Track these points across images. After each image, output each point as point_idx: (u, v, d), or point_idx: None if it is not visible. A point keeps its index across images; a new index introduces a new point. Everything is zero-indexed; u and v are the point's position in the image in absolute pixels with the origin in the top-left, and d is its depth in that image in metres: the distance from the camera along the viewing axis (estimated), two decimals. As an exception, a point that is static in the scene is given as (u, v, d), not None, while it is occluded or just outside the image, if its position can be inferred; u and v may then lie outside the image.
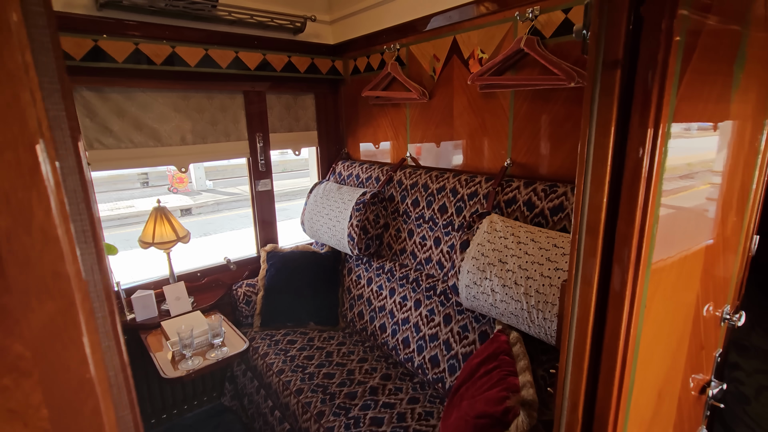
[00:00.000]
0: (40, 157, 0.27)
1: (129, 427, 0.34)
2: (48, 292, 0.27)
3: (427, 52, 2.08)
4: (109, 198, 11.14)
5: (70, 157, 0.29)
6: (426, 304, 1.92)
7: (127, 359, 0.35)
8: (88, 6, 1.86)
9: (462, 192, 1.87)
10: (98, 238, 0.31)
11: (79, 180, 0.29)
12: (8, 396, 0.27)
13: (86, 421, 0.29)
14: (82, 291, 0.28)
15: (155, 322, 2.11)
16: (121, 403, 0.33)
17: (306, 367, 2.00)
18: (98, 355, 0.29)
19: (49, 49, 0.29)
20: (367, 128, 2.63)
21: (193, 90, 2.26)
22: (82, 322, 0.27)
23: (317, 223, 2.43)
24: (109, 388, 0.30)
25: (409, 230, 2.14)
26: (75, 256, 0.27)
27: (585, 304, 0.66)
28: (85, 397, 0.28)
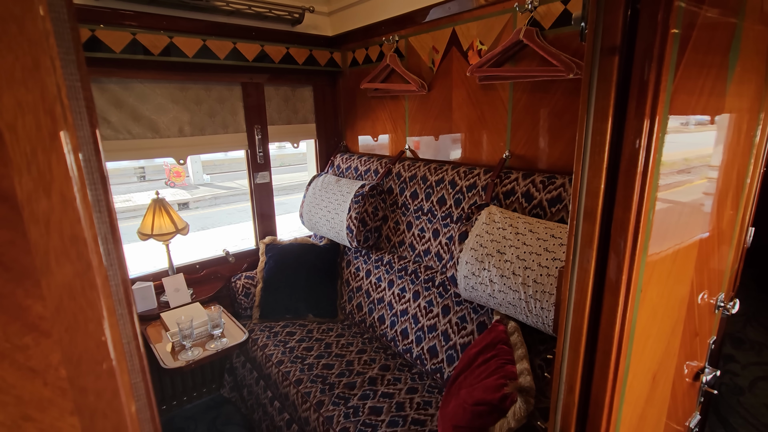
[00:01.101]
0: (60, 122, 0.27)
1: (141, 393, 0.35)
2: (66, 254, 0.27)
3: (426, 43, 2.08)
4: (107, 192, 11.08)
5: (85, 126, 0.30)
6: (424, 296, 1.93)
7: (140, 328, 0.36)
8: (85, -5, 1.85)
9: (460, 184, 1.87)
10: (111, 206, 0.32)
11: (94, 150, 0.30)
12: (29, 355, 0.28)
13: (102, 383, 0.29)
14: (98, 255, 0.28)
15: (155, 313, 2.12)
16: (134, 370, 0.34)
17: (305, 358, 2.01)
18: (113, 319, 0.29)
19: (65, 20, 0.29)
20: (365, 121, 2.63)
21: (191, 81, 2.25)
22: (98, 285, 0.28)
23: (316, 216, 2.44)
24: (123, 352, 0.31)
25: (407, 222, 2.14)
26: (92, 221, 0.28)
27: (582, 290, 0.67)
28: (101, 358, 0.29)
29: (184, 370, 1.77)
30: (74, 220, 0.27)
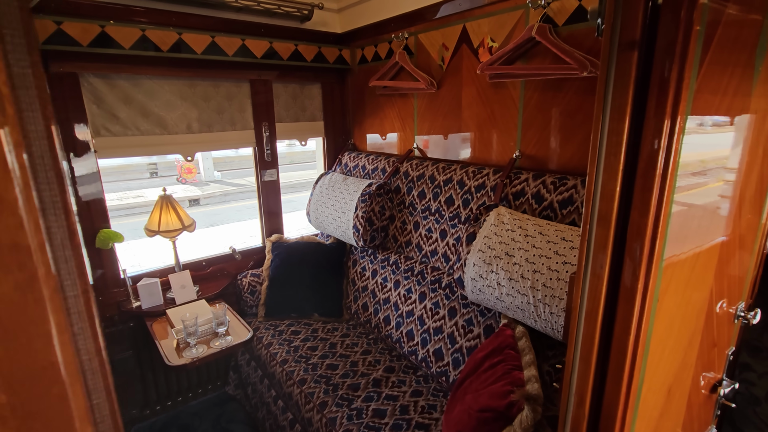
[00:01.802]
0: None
1: (105, 414, 0.33)
2: (5, 265, 0.25)
3: (436, 40, 2.04)
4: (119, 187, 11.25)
5: (37, 120, 0.27)
6: (431, 297, 1.90)
7: (104, 343, 0.34)
8: (95, -9, 1.85)
9: (469, 184, 1.84)
10: (69, 208, 0.29)
11: (48, 146, 0.27)
12: (-40, 381, 0.25)
13: (52, 409, 0.27)
14: (45, 265, 0.26)
15: (161, 309, 2.12)
16: (96, 389, 0.32)
17: (309, 357, 2.00)
18: (66, 337, 0.27)
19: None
20: (374, 119, 2.60)
21: (199, 78, 2.24)
22: (46, 298, 0.26)
23: (323, 214, 2.42)
24: (79, 372, 0.29)
25: (414, 222, 2.11)
26: (38, 227, 0.25)
27: (594, 297, 0.64)
28: (50, 382, 0.27)
29: (188, 367, 1.77)
30: (14, 226, 0.24)
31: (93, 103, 1.98)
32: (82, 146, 1.96)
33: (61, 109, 1.89)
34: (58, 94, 1.87)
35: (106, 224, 2.10)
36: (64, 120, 1.90)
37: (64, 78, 1.87)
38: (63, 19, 1.76)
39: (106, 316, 2.13)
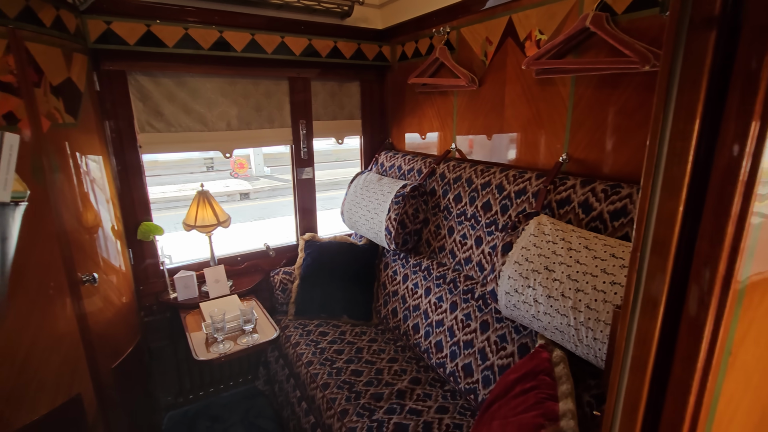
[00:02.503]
0: None
1: None
2: None
3: (480, 34, 1.91)
4: (178, 180, 11.97)
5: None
6: (462, 308, 1.79)
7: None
8: (143, -8, 1.91)
9: (509, 189, 1.70)
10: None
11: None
12: None
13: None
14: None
15: (195, 302, 2.17)
16: None
17: (335, 361, 1.95)
18: None
19: None
20: (412, 117, 2.51)
21: (239, 76, 2.26)
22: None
23: (356, 215, 2.37)
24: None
25: (449, 227, 2.00)
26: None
27: (644, 342, 0.52)
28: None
29: (213, 363, 1.78)
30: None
31: (139, 100, 2.05)
32: (128, 142, 2.04)
33: (110, 106, 1.97)
34: (107, 91, 1.95)
35: (148, 217, 2.17)
36: (112, 116, 1.98)
37: (113, 76, 1.95)
38: (112, 19, 1.82)
39: (146, 305, 2.21)
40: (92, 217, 1.74)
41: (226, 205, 10.12)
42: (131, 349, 1.95)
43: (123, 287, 1.95)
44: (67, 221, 1.57)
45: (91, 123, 1.78)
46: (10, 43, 1.36)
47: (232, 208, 9.64)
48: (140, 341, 2.06)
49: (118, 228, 1.96)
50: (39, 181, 1.47)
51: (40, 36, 1.47)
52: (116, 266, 1.91)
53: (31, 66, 1.43)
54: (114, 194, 1.96)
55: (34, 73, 1.44)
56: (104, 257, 1.82)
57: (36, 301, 1.48)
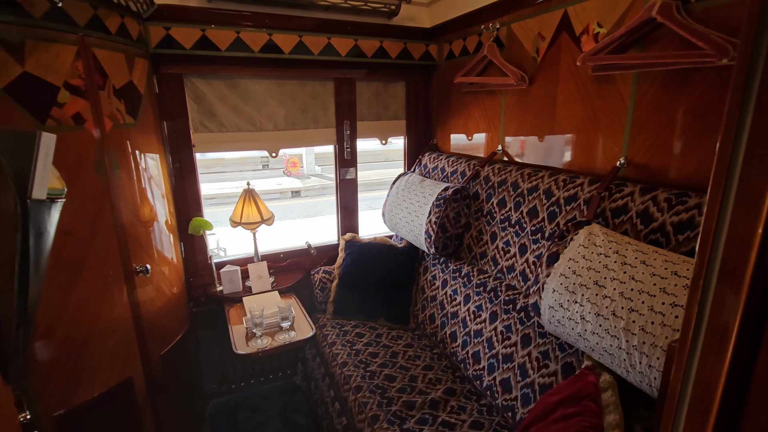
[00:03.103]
0: None
1: None
2: None
3: (531, 30, 1.80)
4: (235, 177, 12.64)
5: None
6: (503, 319, 1.69)
7: None
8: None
9: (558, 195, 1.58)
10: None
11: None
12: None
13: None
14: None
15: (239, 296, 2.25)
16: None
17: (369, 364, 1.93)
18: None
19: None
20: (457, 118, 2.43)
21: (287, 77, 2.31)
22: None
23: (396, 216, 2.33)
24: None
25: (491, 233, 1.91)
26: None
27: (708, 381, 0.43)
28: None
29: (251, 357, 1.83)
30: None
31: (194, 101, 2.16)
32: (183, 141, 2.16)
33: (168, 107, 2.08)
34: (166, 94, 2.07)
35: (199, 213, 2.28)
36: (169, 117, 2.10)
37: (171, 78, 2.06)
38: (171, 25, 1.93)
39: (195, 297, 2.32)
40: (148, 211, 1.85)
41: (277, 202, 10.52)
42: (179, 337, 2.06)
43: (174, 278, 2.06)
44: (125, 215, 1.68)
45: (150, 123, 1.89)
46: (80, 50, 1.47)
47: (283, 205, 10.00)
48: (188, 330, 2.17)
49: (171, 222, 2.07)
50: (101, 177, 1.58)
51: (106, 42, 1.58)
52: (168, 258, 2.02)
53: (97, 70, 1.54)
54: (168, 190, 2.07)
55: (100, 76, 1.55)
56: (158, 249, 1.93)
57: (95, 289, 1.60)
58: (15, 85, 1.31)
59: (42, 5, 1.35)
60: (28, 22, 1.32)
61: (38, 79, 1.36)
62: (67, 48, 1.43)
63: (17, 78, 1.32)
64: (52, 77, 1.40)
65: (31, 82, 1.35)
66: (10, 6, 1.29)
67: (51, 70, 1.39)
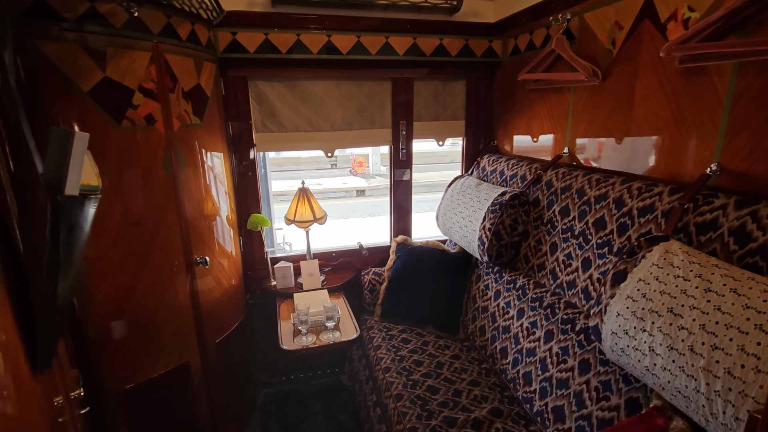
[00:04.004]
0: None
1: None
2: None
3: (608, 19, 1.61)
4: (306, 175, 13.26)
5: None
6: (559, 340, 1.53)
7: None
8: (265, 3, 2.08)
9: (630, 204, 1.39)
10: None
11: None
12: None
13: None
14: None
15: (291, 292, 2.31)
16: None
17: (412, 372, 1.87)
18: None
19: None
20: (521, 118, 2.27)
21: (345, 78, 2.33)
22: None
23: (450, 221, 2.24)
24: None
25: (551, 244, 1.74)
26: None
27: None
28: None
29: (294, 354, 1.86)
30: None
31: (256, 102, 2.25)
32: (246, 140, 2.27)
33: (233, 108, 2.20)
34: (231, 95, 2.18)
35: (258, 209, 2.39)
36: (234, 117, 2.22)
37: (237, 81, 2.17)
38: (237, 30, 2.03)
39: (252, 289, 2.43)
40: (210, 206, 1.96)
41: (342, 200, 10.82)
42: (235, 326, 2.16)
43: (232, 271, 2.17)
44: (188, 209, 1.80)
45: (215, 123, 2.01)
46: (154, 55, 1.59)
47: (347, 204, 10.25)
48: (243, 321, 2.27)
49: (232, 218, 2.19)
50: (168, 174, 1.70)
51: (178, 48, 1.70)
52: (228, 252, 2.13)
53: (168, 74, 1.66)
54: (231, 187, 2.18)
55: (170, 80, 1.67)
56: (219, 243, 2.04)
57: (159, 276, 1.73)
58: (97, 89, 1.46)
59: (122, 16, 1.48)
60: (110, 31, 1.46)
61: (117, 83, 1.50)
62: (142, 54, 1.55)
63: (99, 82, 1.46)
64: (129, 81, 1.53)
65: (110, 86, 1.48)
66: (96, 18, 1.43)
67: (128, 74, 1.52)
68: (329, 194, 11.27)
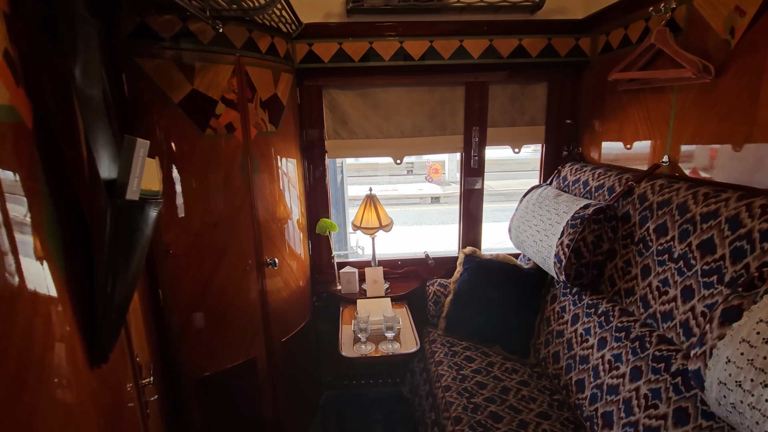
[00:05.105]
0: None
1: None
2: None
3: (725, 4, 1.36)
4: (381, 181, 13.50)
5: None
6: (649, 380, 1.31)
7: None
8: (341, 14, 2.14)
9: (750, 225, 1.14)
10: None
11: None
12: None
13: None
14: None
15: (354, 298, 2.32)
16: None
17: (474, 395, 1.74)
18: None
19: None
20: (611, 122, 2.02)
21: (416, 84, 2.29)
22: None
23: (524, 234, 2.07)
24: None
25: (644, 266, 1.51)
26: None
27: None
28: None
29: (354, 362, 1.84)
30: None
31: (329, 110, 2.31)
32: (318, 147, 2.34)
33: (307, 116, 2.28)
34: (306, 104, 2.27)
35: (327, 214, 2.44)
36: (308, 125, 2.30)
37: (312, 90, 2.25)
38: (314, 41, 2.10)
39: (318, 292, 2.49)
40: (282, 210, 2.05)
41: (417, 207, 10.80)
42: (300, 327, 2.23)
43: (300, 273, 2.24)
44: (261, 213, 1.89)
45: (290, 131, 2.10)
46: (236, 68, 1.71)
47: (421, 211, 10.21)
48: (309, 322, 2.33)
49: (302, 222, 2.27)
50: (244, 178, 1.81)
51: (258, 61, 1.80)
52: (297, 254, 2.21)
53: (248, 85, 1.76)
54: (302, 192, 2.27)
55: (249, 90, 1.78)
56: (289, 245, 2.12)
57: (233, 274, 1.84)
58: (186, 100, 1.60)
59: (209, 33, 1.61)
60: (199, 47, 1.60)
61: (202, 94, 1.63)
62: (225, 67, 1.67)
63: (188, 94, 1.60)
64: (213, 92, 1.65)
65: (197, 98, 1.62)
66: (188, 36, 1.57)
67: (212, 86, 1.65)
68: (404, 200, 11.32)
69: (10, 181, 0.57)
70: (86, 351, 0.69)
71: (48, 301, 0.64)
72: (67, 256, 0.68)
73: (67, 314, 0.68)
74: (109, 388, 0.77)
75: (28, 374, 0.57)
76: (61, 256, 0.66)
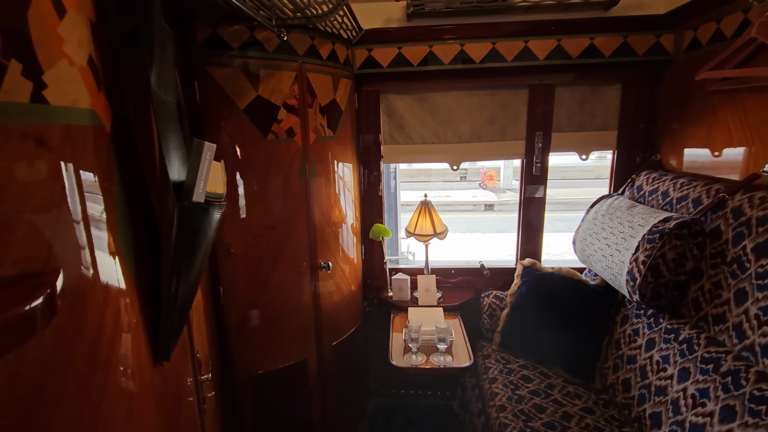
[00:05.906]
0: None
1: None
2: None
3: None
4: (435, 187, 13.38)
5: None
6: (746, 423, 1.13)
7: None
8: (401, 19, 2.13)
9: None
10: None
11: None
12: None
13: None
14: None
15: (406, 305, 2.28)
16: None
17: (531, 418, 1.63)
18: None
19: None
20: (697, 127, 1.82)
21: (477, 87, 2.22)
22: None
23: (591, 247, 1.91)
24: None
25: (738, 290, 1.32)
26: None
27: None
28: None
29: (404, 372, 1.80)
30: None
31: (386, 115, 2.31)
32: (374, 152, 2.34)
33: (365, 122, 2.29)
34: (363, 109, 2.28)
35: (381, 219, 2.43)
36: (365, 130, 2.31)
37: (370, 96, 2.26)
38: (373, 47, 2.11)
39: (369, 297, 2.48)
40: (337, 214, 2.07)
41: (470, 214, 10.55)
42: (351, 332, 2.23)
43: (352, 278, 2.24)
44: (317, 216, 1.92)
45: (347, 136, 2.11)
46: (297, 74, 1.75)
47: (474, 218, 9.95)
48: (359, 327, 2.33)
49: (356, 226, 2.27)
50: (301, 182, 1.84)
51: (319, 67, 1.83)
52: (350, 258, 2.22)
53: (308, 91, 1.80)
54: (357, 197, 2.27)
55: (310, 96, 1.81)
56: (343, 249, 2.13)
57: (287, 276, 1.87)
58: (251, 107, 1.66)
59: (274, 41, 1.66)
60: (264, 55, 1.66)
61: (266, 100, 1.68)
62: (288, 74, 1.72)
63: (253, 100, 1.66)
64: (276, 98, 1.70)
65: (261, 104, 1.68)
66: (254, 45, 1.64)
67: (275, 92, 1.70)
68: (457, 207, 11.10)
69: (89, 181, 0.60)
70: (150, 348, 0.72)
71: (118, 293, 0.67)
72: (137, 253, 0.71)
73: (135, 308, 0.71)
74: (169, 382, 0.80)
75: (98, 363, 0.60)
76: (131, 254, 0.70)
